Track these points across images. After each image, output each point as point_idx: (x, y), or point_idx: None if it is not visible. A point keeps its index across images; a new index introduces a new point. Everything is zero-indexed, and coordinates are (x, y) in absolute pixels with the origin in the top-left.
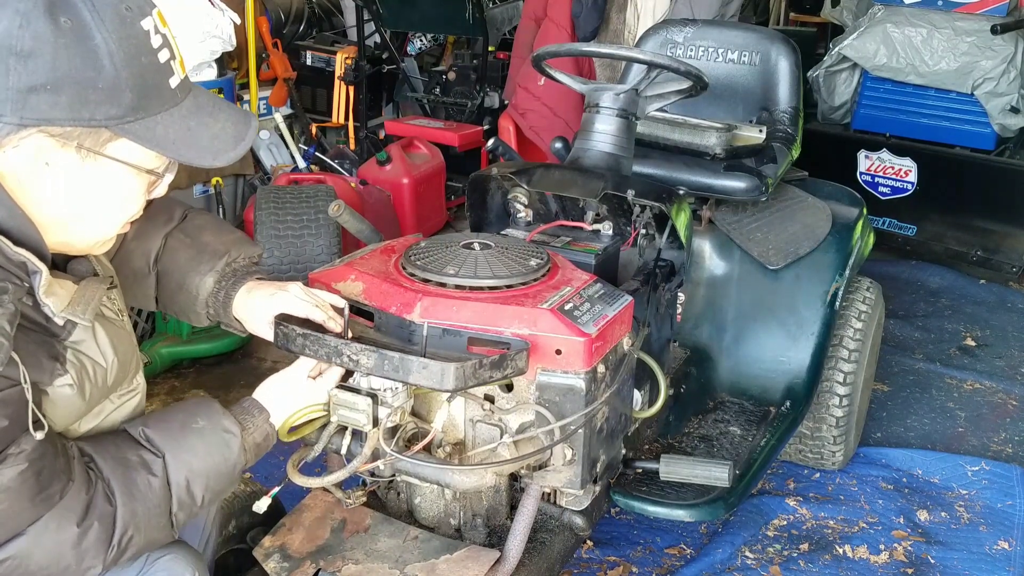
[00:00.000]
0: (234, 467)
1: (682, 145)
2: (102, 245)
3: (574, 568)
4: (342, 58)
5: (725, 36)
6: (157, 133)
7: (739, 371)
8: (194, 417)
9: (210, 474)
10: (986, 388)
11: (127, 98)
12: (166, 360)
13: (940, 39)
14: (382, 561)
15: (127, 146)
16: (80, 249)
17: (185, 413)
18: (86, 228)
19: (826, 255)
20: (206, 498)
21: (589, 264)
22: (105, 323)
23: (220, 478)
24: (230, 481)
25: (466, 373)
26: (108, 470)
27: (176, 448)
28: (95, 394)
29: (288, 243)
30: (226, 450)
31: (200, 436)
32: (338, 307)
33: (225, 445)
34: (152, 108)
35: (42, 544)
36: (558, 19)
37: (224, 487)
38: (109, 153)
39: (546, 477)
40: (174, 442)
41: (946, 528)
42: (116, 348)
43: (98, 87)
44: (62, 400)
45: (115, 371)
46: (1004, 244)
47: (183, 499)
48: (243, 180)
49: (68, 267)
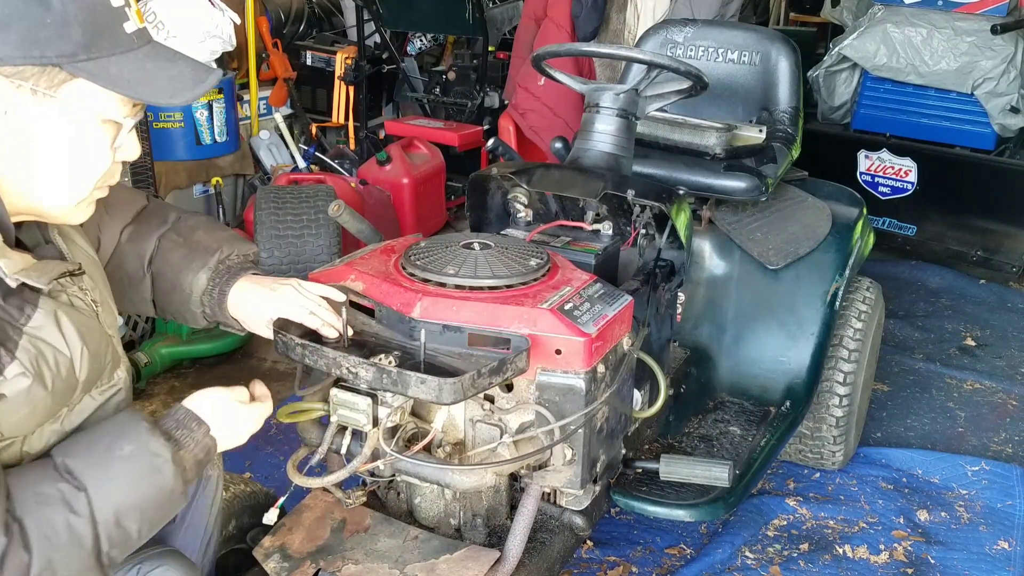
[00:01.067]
0: (171, 493)
1: (682, 145)
2: (75, 211)
3: (574, 568)
4: (342, 58)
5: (725, 36)
6: (111, 72)
7: (739, 371)
8: (119, 442)
9: (143, 505)
10: (986, 388)
11: (76, 34)
12: (166, 360)
13: (940, 39)
14: (382, 561)
15: (83, 88)
16: (52, 216)
17: (111, 437)
18: (50, 185)
19: (826, 255)
20: (143, 531)
21: (589, 264)
22: (71, 311)
23: (156, 507)
24: (171, 507)
25: (464, 386)
26: (25, 511)
27: (100, 480)
28: (62, 386)
29: (288, 243)
30: (158, 476)
31: (127, 464)
32: (336, 302)
33: (156, 471)
34: (104, 48)
35: None
36: (558, 19)
37: (165, 515)
38: (64, 95)
39: (546, 477)
40: (98, 473)
41: (946, 528)
42: (85, 338)
43: (47, 23)
44: (20, 396)
45: (86, 363)
46: (1004, 244)
47: (114, 536)
48: (243, 180)
49: (35, 252)
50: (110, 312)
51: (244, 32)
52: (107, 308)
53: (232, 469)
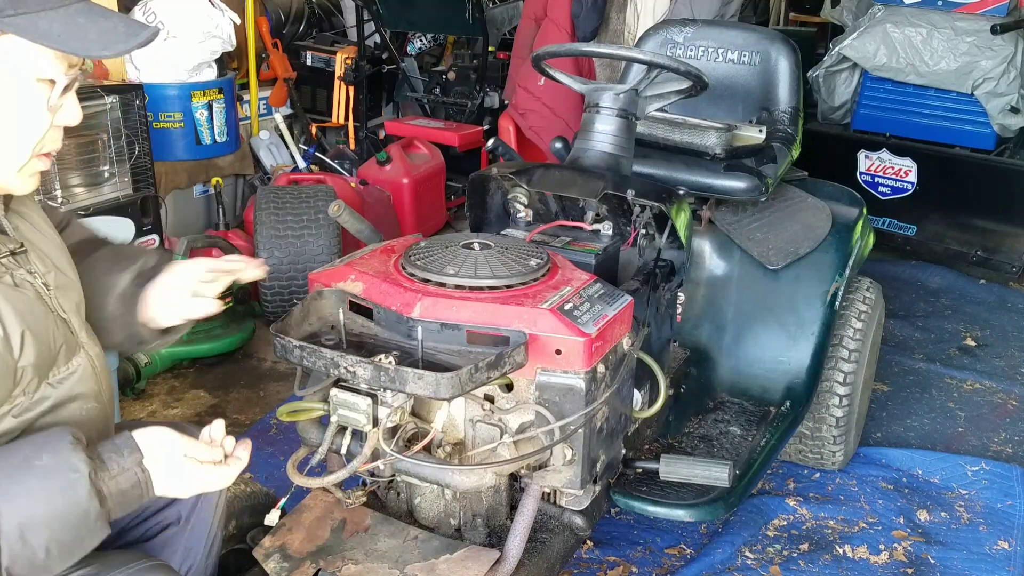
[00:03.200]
0: (84, 514)
1: (682, 145)
2: (17, 180)
3: (574, 568)
4: (342, 58)
5: (725, 36)
6: (40, 27)
7: (739, 371)
8: (39, 452)
9: (52, 523)
10: (986, 388)
11: None
12: (166, 360)
13: (940, 39)
14: (382, 561)
15: (12, 44)
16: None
17: (32, 447)
18: None
19: (826, 255)
20: (52, 551)
21: (589, 264)
22: (9, 291)
23: (67, 528)
24: (86, 531)
25: (462, 380)
26: None
27: (9, 488)
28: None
29: (288, 243)
30: (70, 493)
31: (40, 476)
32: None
33: (70, 487)
34: (32, 4)
35: None
36: (558, 19)
37: (76, 538)
38: None
39: (546, 477)
40: (7, 482)
41: (946, 528)
42: (26, 319)
43: None
44: None
45: (29, 346)
46: (1004, 244)
47: (16, 552)
48: (243, 180)
49: None
50: (69, 297)
51: (244, 32)
52: (65, 292)
53: None
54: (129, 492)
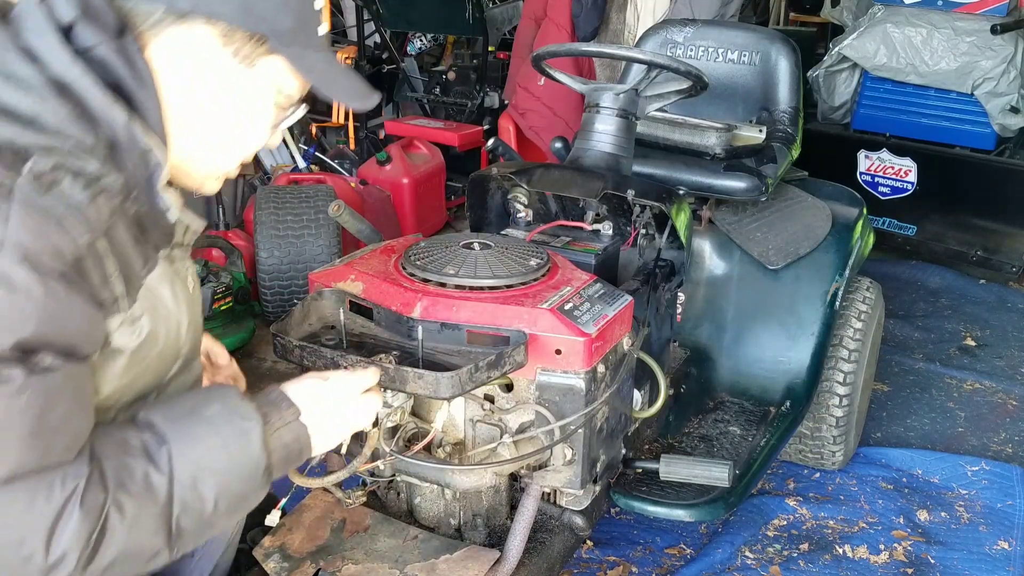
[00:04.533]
0: (255, 466)
1: (682, 145)
2: (213, 181)
3: (574, 568)
4: (342, 58)
5: (725, 36)
6: (307, 62)
7: (739, 371)
8: (207, 403)
9: (224, 472)
10: (986, 388)
11: (289, 18)
12: None
13: (940, 39)
14: (382, 561)
15: (276, 67)
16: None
17: (197, 399)
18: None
19: (826, 255)
20: (220, 504)
21: (589, 264)
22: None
23: (238, 479)
24: (252, 485)
25: (462, 379)
26: (104, 454)
27: (182, 436)
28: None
29: (288, 243)
30: (244, 442)
31: (212, 425)
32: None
33: (242, 436)
34: (303, 40)
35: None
36: (558, 19)
37: (244, 492)
38: (260, 68)
39: (546, 477)
40: (181, 429)
41: (946, 528)
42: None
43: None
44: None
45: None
46: (1004, 244)
47: (188, 500)
48: (243, 180)
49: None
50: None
51: None
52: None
53: None
54: (291, 446)
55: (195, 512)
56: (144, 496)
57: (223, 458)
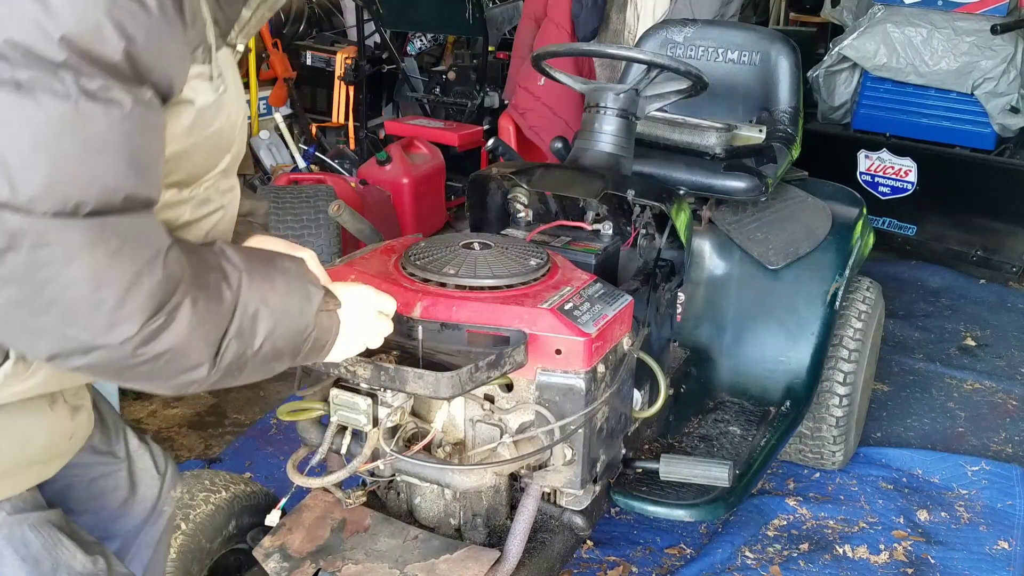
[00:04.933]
0: (304, 329)
1: (682, 145)
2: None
3: (574, 568)
4: (342, 58)
5: (725, 36)
6: None
7: (739, 371)
8: (282, 259)
9: (280, 318)
10: (986, 388)
11: None
12: None
13: (940, 39)
14: (382, 561)
15: None
16: None
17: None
18: None
19: (826, 255)
20: (263, 347)
21: (589, 264)
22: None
23: (285, 332)
24: (292, 345)
25: (462, 379)
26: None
27: (256, 272)
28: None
29: None
30: (305, 303)
31: (285, 276)
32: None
33: (305, 297)
34: None
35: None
36: (558, 19)
37: (282, 348)
38: None
39: (546, 477)
40: (256, 267)
41: (946, 528)
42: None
43: None
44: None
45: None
46: (1004, 244)
47: (243, 328)
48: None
49: None
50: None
51: None
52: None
53: (232, 469)
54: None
55: (242, 343)
56: (214, 301)
57: (284, 306)
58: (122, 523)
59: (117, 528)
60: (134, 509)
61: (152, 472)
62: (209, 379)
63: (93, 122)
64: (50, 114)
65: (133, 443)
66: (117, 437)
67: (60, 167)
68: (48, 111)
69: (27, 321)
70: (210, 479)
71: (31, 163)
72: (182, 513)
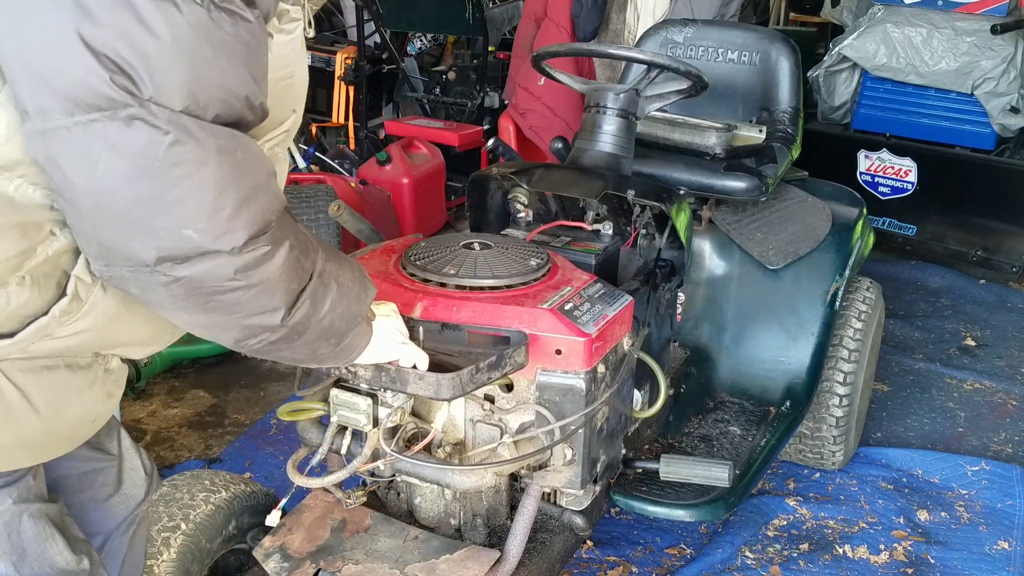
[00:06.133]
0: (358, 314)
1: (682, 145)
2: None
3: (574, 568)
4: (342, 58)
5: (725, 36)
6: None
7: (739, 371)
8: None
9: (345, 296)
10: (986, 388)
11: None
12: (166, 360)
13: (940, 39)
14: (382, 561)
15: None
16: None
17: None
18: None
19: (826, 255)
20: (325, 319)
21: (589, 264)
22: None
23: (347, 312)
24: (347, 325)
25: (463, 380)
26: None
27: (330, 252)
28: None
29: None
30: (363, 294)
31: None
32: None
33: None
34: None
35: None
36: (558, 19)
37: (339, 327)
38: None
39: (546, 477)
40: (328, 248)
41: (946, 528)
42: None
43: None
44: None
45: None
46: (1004, 244)
47: (316, 292)
48: None
49: None
50: None
51: None
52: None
53: (232, 469)
54: (363, 334)
55: (313, 306)
56: (303, 255)
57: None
58: (105, 521)
59: (99, 525)
60: (118, 508)
61: (140, 472)
62: (276, 332)
63: (222, 28)
64: (188, 17)
65: (125, 442)
66: (111, 435)
67: (196, 67)
68: (187, 14)
69: (145, 220)
70: (210, 479)
71: (172, 62)
72: (182, 513)
